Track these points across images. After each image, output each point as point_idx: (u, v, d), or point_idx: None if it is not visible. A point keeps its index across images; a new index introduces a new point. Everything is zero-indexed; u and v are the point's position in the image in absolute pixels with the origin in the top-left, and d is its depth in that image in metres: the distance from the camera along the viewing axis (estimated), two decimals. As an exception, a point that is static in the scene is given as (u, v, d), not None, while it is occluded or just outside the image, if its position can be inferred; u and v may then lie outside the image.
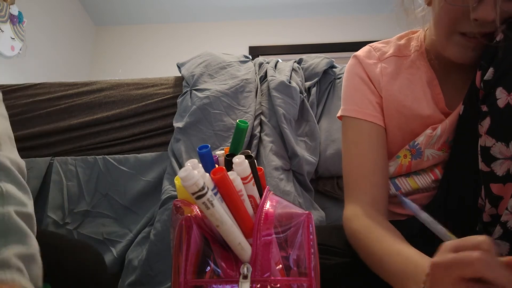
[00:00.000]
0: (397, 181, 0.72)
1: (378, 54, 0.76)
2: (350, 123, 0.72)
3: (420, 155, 0.68)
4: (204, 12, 3.17)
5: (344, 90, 0.77)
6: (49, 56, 2.69)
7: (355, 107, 0.72)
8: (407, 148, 0.70)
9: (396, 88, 0.71)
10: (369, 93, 0.72)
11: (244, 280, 0.30)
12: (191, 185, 0.27)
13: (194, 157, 0.81)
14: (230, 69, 1.33)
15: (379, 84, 0.72)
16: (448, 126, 0.65)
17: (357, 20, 3.16)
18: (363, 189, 0.66)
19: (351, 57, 0.79)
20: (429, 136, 0.67)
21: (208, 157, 0.33)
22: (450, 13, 0.60)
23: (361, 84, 0.73)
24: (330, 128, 1.23)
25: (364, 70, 0.74)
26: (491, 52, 0.56)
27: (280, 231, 0.33)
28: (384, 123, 0.72)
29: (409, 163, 0.70)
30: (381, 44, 0.78)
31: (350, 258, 0.62)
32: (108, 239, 1.14)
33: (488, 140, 0.54)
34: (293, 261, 0.33)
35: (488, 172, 0.55)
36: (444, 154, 0.67)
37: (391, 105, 0.71)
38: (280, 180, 1.10)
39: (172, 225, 0.38)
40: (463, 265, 0.37)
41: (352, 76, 0.76)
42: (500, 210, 0.54)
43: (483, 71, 0.57)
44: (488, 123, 0.55)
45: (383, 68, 0.73)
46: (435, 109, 0.68)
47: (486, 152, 0.55)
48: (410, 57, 0.73)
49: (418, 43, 0.74)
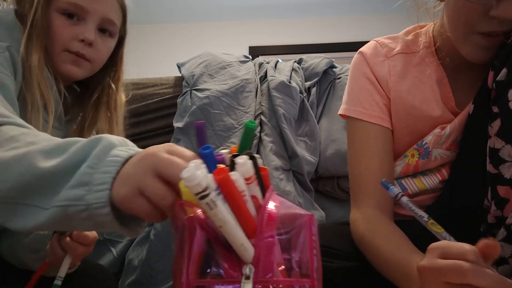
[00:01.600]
0: (403, 181, 0.71)
1: (385, 50, 0.73)
2: (356, 125, 0.71)
3: (428, 154, 0.67)
4: (204, 12, 3.17)
5: (349, 89, 0.74)
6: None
7: (362, 109, 0.70)
8: (415, 147, 0.69)
9: (404, 89, 0.69)
10: (375, 94, 0.70)
11: (246, 280, 0.30)
12: (194, 186, 0.27)
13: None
14: (230, 69, 1.33)
15: (387, 85, 0.70)
16: (457, 125, 0.64)
17: (357, 20, 3.17)
18: (369, 193, 0.66)
19: (357, 53, 0.76)
20: (438, 135, 0.66)
21: (211, 157, 0.33)
22: (468, 12, 0.57)
23: (368, 84, 0.71)
24: (330, 128, 1.23)
25: (371, 69, 0.72)
26: (505, 52, 0.55)
27: (283, 232, 0.33)
28: (391, 124, 0.70)
29: (416, 163, 0.69)
30: (387, 39, 0.75)
31: (352, 262, 0.62)
32: (108, 239, 1.14)
33: (498, 142, 0.54)
34: (295, 262, 0.33)
35: (495, 174, 0.54)
36: (452, 154, 0.66)
37: (399, 106, 0.69)
38: (280, 180, 1.10)
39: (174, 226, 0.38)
40: (454, 274, 0.39)
41: (358, 75, 0.73)
42: (505, 213, 0.54)
43: (496, 71, 0.55)
44: (498, 124, 0.54)
45: (391, 66, 0.71)
46: (444, 109, 0.67)
47: (495, 154, 0.54)
48: (419, 54, 0.70)
49: (427, 38, 0.71)
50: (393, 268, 0.54)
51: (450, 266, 0.39)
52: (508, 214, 0.53)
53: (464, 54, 0.62)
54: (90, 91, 0.77)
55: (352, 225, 0.66)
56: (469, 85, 0.66)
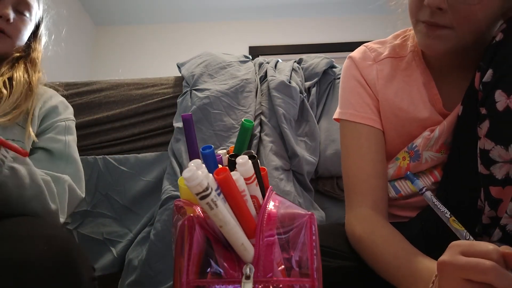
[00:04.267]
0: (396, 184, 0.72)
1: (374, 55, 0.74)
2: (348, 127, 0.72)
3: (418, 157, 0.68)
4: (204, 12, 3.17)
5: (341, 93, 0.76)
6: (49, 56, 2.68)
7: (353, 111, 0.71)
8: (406, 150, 0.70)
9: (391, 92, 0.70)
10: (366, 96, 0.72)
11: (246, 280, 0.30)
12: (195, 186, 0.28)
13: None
14: (230, 69, 1.33)
15: (375, 87, 0.72)
16: (446, 127, 0.65)
17: (357, 20, 3.17)
18: (364, 193, 0.66)
19: (347, 58, 0.78)
20: (427, 138, 0.66)
21: (212, 157, 0.33)
22: (411, 3, 0.62)
23: (358, 87, 0.73)
24: (330, 128, 1.23)
25: (360, 73, 0.73)
26: (490, 53, 0.56)
27: (282, 231, 0.33)
28: (382, 126, 0.71)
29: (407, 166, 0.70)
30: (376, 44, 0.77)
31: (352, 262, 0.62)
32: (108, 239, 1.14)
33: (487, 143, 0.54)
34: (295, 262, 0.33)
35: (487, 175, 0.55)
36: (443, 155, 0.67)
37: (387, 109, 0.70)
38: (280, 180, 1.10)
39: (174, 225, 0.38)
40: (476, 272, 0.38)
41: (348, 78, 0.75)
42: (499, 213, 0.54)
43: (482, 73, 0.56)
44: (487, 126, 0.54)
45: (378, 70, 0.72)
46: (432, 111, 0.67)
47: (486, 155, 0.54)
48: (406, 58, 0.72)
49: (413, 41, 0.72)
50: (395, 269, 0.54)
51: (472, 264, 0.39)
52: (502, 214, 0.54)
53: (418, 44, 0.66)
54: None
55: (348, 227, 0.66)
56: (457, 86, 0.67)
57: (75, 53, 3.00)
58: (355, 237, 0.63)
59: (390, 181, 0.73)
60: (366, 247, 0.60)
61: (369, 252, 0.59)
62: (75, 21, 3.02)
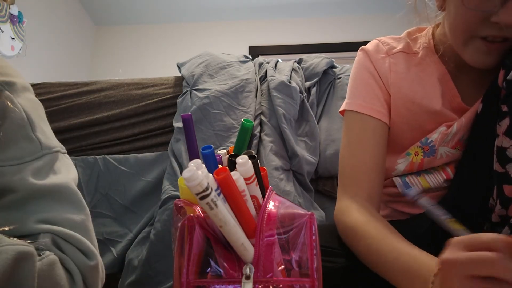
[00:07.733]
0: (407, 179, 0.71)
1: (387, 48, 0.74)
2: (355, 118, 0.71)
3: (433, 152, 0.67)
4: (204, 12, 3.17)
5: (352, 84, 0.74)
6: (49, 56, 2.68)
7: (362, 102, 0.70)
8: (419, 145, 0.69)
9: (405, 85, 0.70)
10: (377, 89, 0.71)
11: (246, 280, 0.30)
12: (195, 186, 0.27)
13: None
14: (230, 69, 1.33)
15: (387, 80, 0.71)
16: (464, 123, 0.64)
17: (357, 20, 3.17)
18: (360, 185, 0.65)
19: (359, 50, 0.77)
20: (444, 133, 0.65)
21: (211, 157, 0.33)
22: (469, 18, 0.58)
23: (370, 78, 0.72)
24: (330, 128, 1.23)
25: (373, 65, 0.72)
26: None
27: (282, 231, 0.33)
28: (389, 120, 0.70)
29: (421, 161, 0.69)
30: (389, 39, 0.76)
31: (352, 261, 0.61)
32: (108, 239, 1.14)
33: (506, 141, 0.53)
34: (295, 262, 0.33)
35: (502, 173, 0.54)
36: (458, 152, 0.66)
37: (399, 102, 0.70)
38: (280, 180, 1.10)
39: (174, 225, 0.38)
40: (481, 265, 0.36)
41: (361, 69, 0.74)
42: (510, 212, 0.54)
43: (506, 70, 0.55)
44: (507, 123, 0.54)
45: (391, 63, 0.71)
46: (445, 104, 0.67)
47: (502, 153, 0.54)
48: (419, 55, 0.71)
49: (426, 40, 0.72)
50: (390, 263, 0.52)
51: (476, 258, 0.36)
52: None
53: (466, 59, 0.62)
54: None
55: (340, 217, 0.63)
56: (476, 82, 0.66)
57: (74, 53, 3.00)
58: (345, 226, 0.61)
59: (401, 176, 0.71)
60: (361, 237, 0.57)
61: (363, 243, 0.57)
62: (75, 21, 3.02)
